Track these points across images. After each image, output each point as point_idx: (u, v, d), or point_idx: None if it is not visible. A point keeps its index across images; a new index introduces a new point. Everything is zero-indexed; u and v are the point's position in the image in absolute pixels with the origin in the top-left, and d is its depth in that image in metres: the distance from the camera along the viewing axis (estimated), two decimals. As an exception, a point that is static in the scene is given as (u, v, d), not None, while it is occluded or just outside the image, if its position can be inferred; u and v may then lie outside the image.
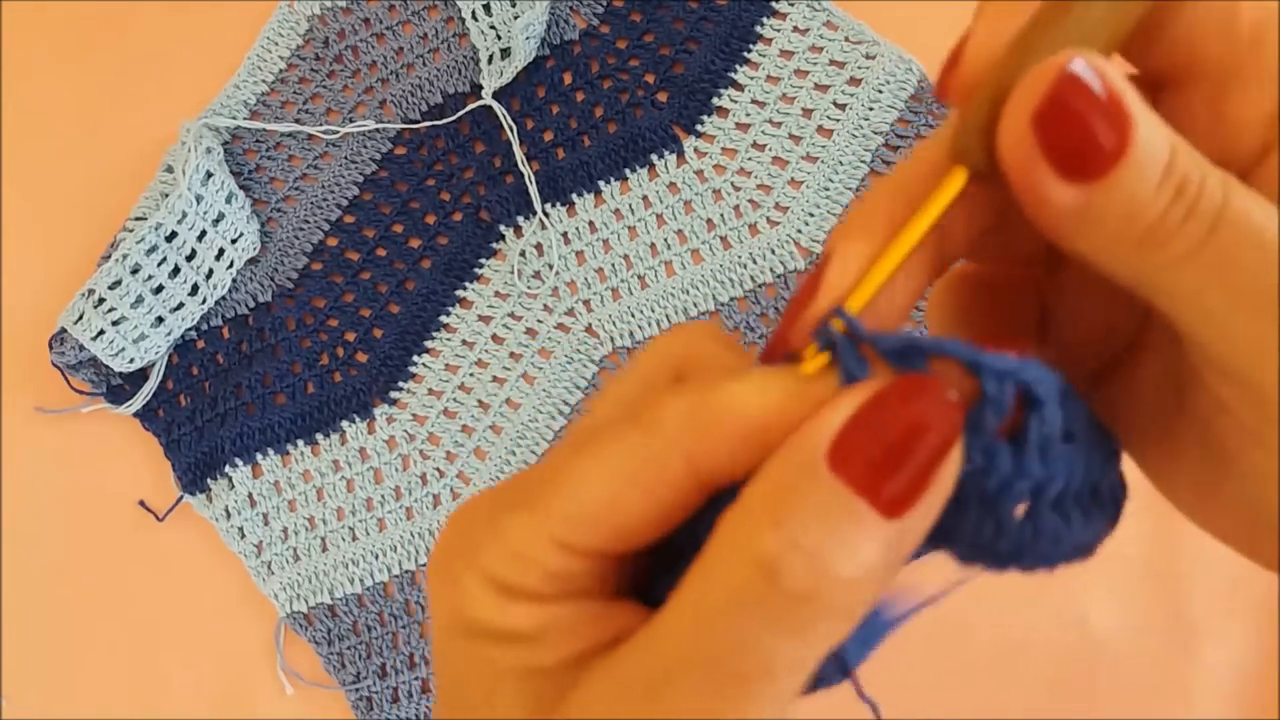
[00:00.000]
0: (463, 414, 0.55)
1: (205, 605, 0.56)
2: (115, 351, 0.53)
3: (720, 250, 0.54)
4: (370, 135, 0.57)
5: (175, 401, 0.56)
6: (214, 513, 0.55)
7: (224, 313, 0.56)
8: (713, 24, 0.55)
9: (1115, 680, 0.51)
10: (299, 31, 0.58)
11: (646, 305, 0.54)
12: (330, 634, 0.54)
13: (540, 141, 0.56)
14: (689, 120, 0.55)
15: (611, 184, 0.55)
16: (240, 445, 0.55)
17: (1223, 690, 0.51)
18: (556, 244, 0.55)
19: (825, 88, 0.54)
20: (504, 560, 0.17)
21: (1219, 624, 0.51)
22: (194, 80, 0.58)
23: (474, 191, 0.56)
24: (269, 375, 0.56)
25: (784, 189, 0.54)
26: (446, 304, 0.56)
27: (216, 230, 0.54)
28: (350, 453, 0.55)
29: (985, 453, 0.15)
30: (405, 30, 0.57)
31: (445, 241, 0.56)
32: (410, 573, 0.55)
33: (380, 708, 0.54)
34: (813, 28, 0.55)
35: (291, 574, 0.55)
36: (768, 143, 0.54)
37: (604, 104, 0.55)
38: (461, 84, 0.56)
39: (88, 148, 0.59)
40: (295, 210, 0.57)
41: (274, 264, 0.56)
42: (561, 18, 0.56)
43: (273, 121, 0.57)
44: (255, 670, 0.55)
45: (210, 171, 0.53)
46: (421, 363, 0.56)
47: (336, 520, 0.55)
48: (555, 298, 0.55)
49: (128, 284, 0.53)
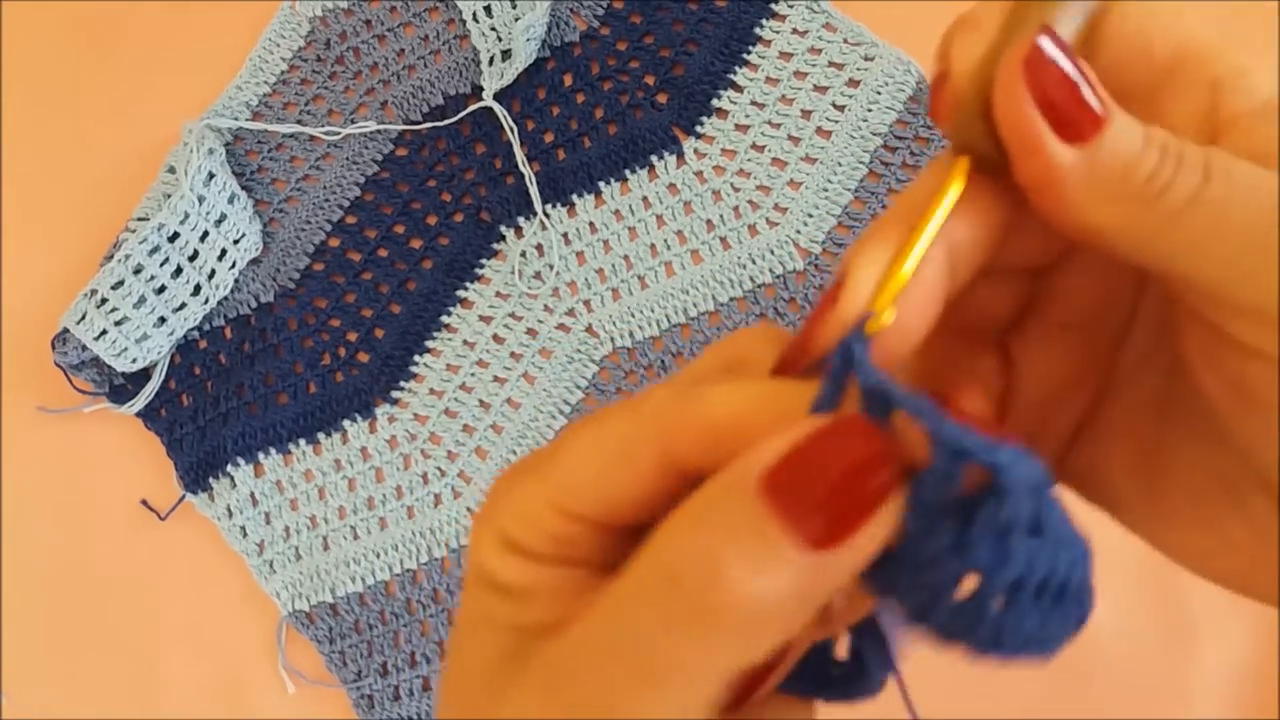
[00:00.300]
0: (464, 413, 0.55)
1: (207, 604, 0.56)
2: (118, 351, 0.53)
3: (720, 251, 0.54)
4: (372, 136, 0.57)
5: (177, 401, 0.56)
6: (216, 512, 0.55)
7: (226, 313, 0.56)
8: (712, 26, 0.55)
9: (1114, 680, 0.51)
10: (301, 33, 0.58)
11: (647, 305, 0.55)
12: (332, 632, 0.55)
13: (541, 143, 0.56)
14: (689, 121, 0.55)
15: (612, 185, 0.55)
16: (242, 444, 0.55)
17: (1222, 690, 0.51)
18: (557, 244, 0.55)
19: (824, 89, 0.55)
20: (511, 518, 0.18)
21: (1218, 624, 0.51)
22: (196, 81, 0.58)
23: (475, 192, 0.56)
24: (271, 375, 0.56)
25: (783, 190, 0.54)
26: (448, 304, 0.56)
27: (219, 231, 0.54)
28: (352, 452, 0.55)
29: (922, 521, 0.15)
30: (407, 32, 0.58)
31: (446, 242, 0.56)
32: (411, 571, 0.55)
33: (382, 706, 0.54)
34: (811, 29, 0.55)
35: (293, 572, 0.55)
36: (767, 144, 0.55)
37: (604, 105, 0.56)
38: (463, 85, 0.57)
39: (90, 148, 0.59)
40: (297, 211, 0.57)
41: (276, 264, 0.57)
42: (562, 20, 0.56)
43: (275, 122, 0.57)
44: (257, 668, 0.55)
45: (212, 172, 0.54)
46: (423, 362, 0.56)
47: (338, 519, 0.55)
48: (556, 298, 0.55)
49: (130, 284, 0.53)
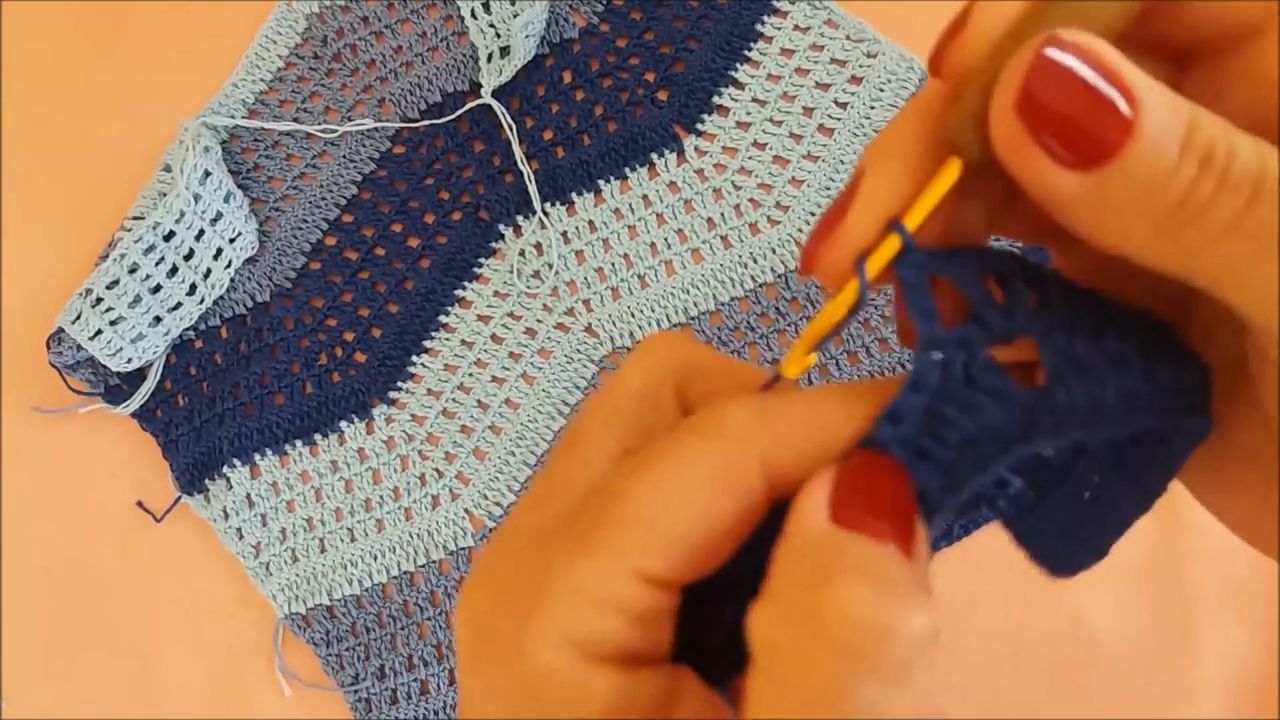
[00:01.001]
0: (462, 414, 0.55)
1: (203, 606, 0.56)
2: (113, 351, 0.52)
3: (721, 249, 0.54)
4: (369, 134, 0.56)
5: (173, 402, 0.56)
6: (212, 514, 0.55)
7: (222, 312, 0.56)
8: (713, 22, 0.55)
9: (1114, 680, 0.51)
10: (297, 30, 0.57)
11: (647, 305, 0.54)
12: (329, 635, 0.54)
13: (540, 140, 0.55)
14: (689, 119, 0.55)
15: (611, 183, 0.55)
16: (238, 446, 0.55)
17: (1223, 691, 0.51)
18: (556, 243, 0.55)
19: (826, 86, 0.54)
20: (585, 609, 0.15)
21: (1219, 623, 0.51)
22: (192, 79, 0.58)
23: (473, 190, 0.56)
24: (267, 375, 0.55)
25: (785, 188, 0.54)
26: (445, 304, 0.55)
27: (214, 229, 0.54)
28: (348, 453, 0.55)
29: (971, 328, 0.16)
30: (404, 28, 0.57)
31: (444, 241, 0.56)
32: (409, 574, 0.54)
33: (379, 709, 0.54)
34: (814, 26, 0.54)
35: (290, 575, 0.55)
36: (769, 141, 0.54)
37: (604, 102, 0.55)
38: (460, 82, 0.56)
39: (86, 147, 0.58)
40: (293, 209, 0.56)
41: (272, 263, 0.56)
42: (561, 16, 0.55)
43: (271, 120, 0.57)
44: (253, 671, 0.55)
45: (208, 170, 0.53)
46: (420, 363, 0.55)
47: (335, 521, 0.55)
48: (555, 297, 0.55)
49: (125, 284, 0.52)
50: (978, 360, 0.15)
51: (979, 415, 0.15)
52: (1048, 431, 0.15)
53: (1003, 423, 0.15)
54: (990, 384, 0.15)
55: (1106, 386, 0.16)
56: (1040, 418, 0.15)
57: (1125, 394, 0.16)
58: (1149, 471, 0.18)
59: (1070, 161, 0.14)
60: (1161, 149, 0.14)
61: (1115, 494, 0.19)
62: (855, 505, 0.15)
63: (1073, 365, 0.15)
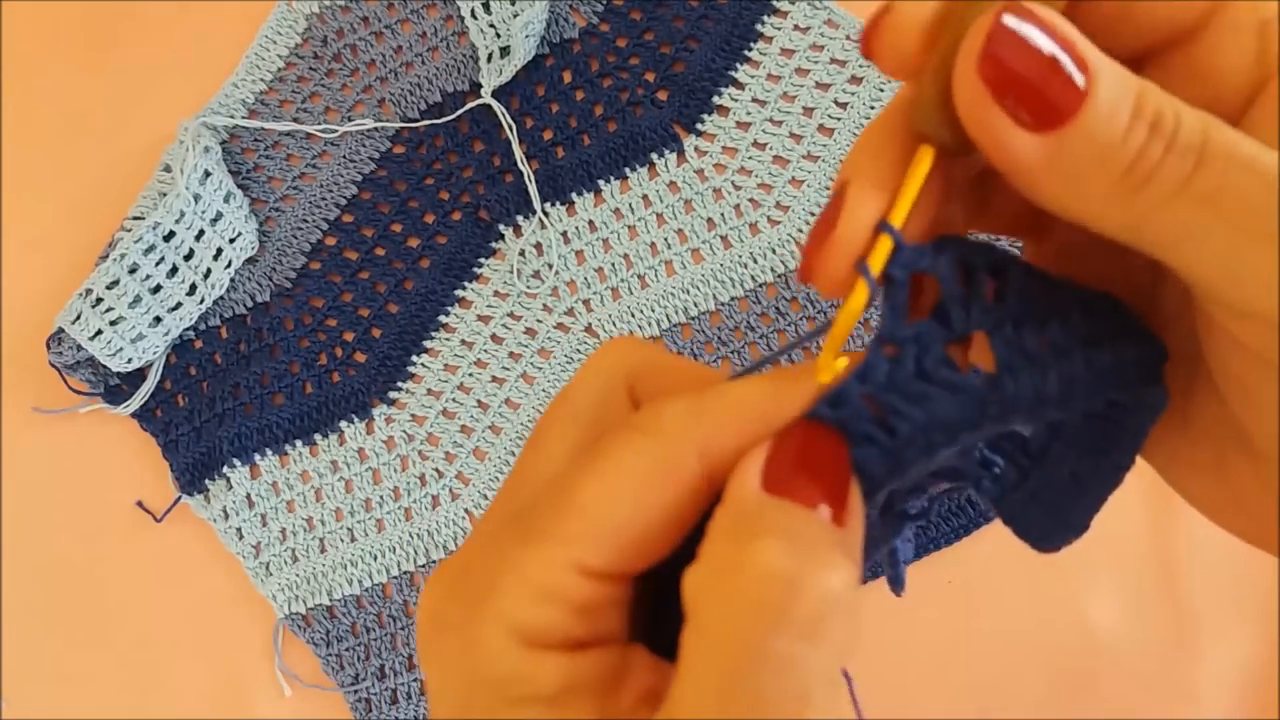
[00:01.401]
0: (462, 414, 0.55)
1: (203, 606, 0.55)
2: (113, 351, 0.52)
3: (721, 249, 0.54)
4: (369, 134, 0.56)
5: (173, 402, 0.56)
6: (212, 514, 0.55)
7: (222, 312, 0.56)
8: (713, 22, 0.55)
9: (1117, 679, 0.51)
10: (297, 30, 0.58)
11: (646, 305, 0.54)
12: (329, 635, 0.54)
13: (540, 140, 0.55)
14: (689, 119, 0.55)
15: (611, 183, 0.55)
16: (238, 446, 0.55)
17: (1226, 691, 0.51)
18: (556, 243, 0.55)
19: (826, 86, 0.54)
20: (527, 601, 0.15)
21: (1221, 622, 0.51)
22: (192, 79, 0.58)
23: (473, 190, 0.56)
24: (267, 375, 0.55)
25: (785, 188, 0.54)
26: (445, 304, 0.55)
27: (214, 230, 0.54)
28: (349, 453, 0.55)
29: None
30: (404, 28, 0.57)
31: (444, 241, 0.56)
32: (409, 574, 0.54)
33: (379, 709, 0.53)
34: (814, 26, 0.54)
35: (290, 575, 0.55)
36: (769, 141, 0.54)
37: (604, 102, 0.55)
38: (460, 82, 0.56)
39: (86, 147, 0.58)
40: (293, 209, 0.56)
41: (272, 263, 0.56)
42: (561, 16, 0.55)
43: (271, 120, 0.57)
44: (253, 671, 0.55)
45: (208, 170, 0.53)
46: (420, 363, 0.55)
47: (335, 521, 0.55)
48: (555, 297, 0.55)
49: (125, 284, 0.52)
50: (932, 355, 0.16)
51: (929, 406, 0.16)
52: (995, 420, 0.16)
53: (952, 413, 0.16)
54: (943, 377, 0.16)
55: (1049, 374, 0.16)
56: (989, 407, 0.16)
57: (1065, 380, 0.17)
58: (1117, 446, 0.19)
59: (1030, 124, 0.15)
60: (1115, 113, 0.15)
61: (1089, 471, 0.20)
62: (786, 472, 0.16)
63: (1021, 356, 0.16)
